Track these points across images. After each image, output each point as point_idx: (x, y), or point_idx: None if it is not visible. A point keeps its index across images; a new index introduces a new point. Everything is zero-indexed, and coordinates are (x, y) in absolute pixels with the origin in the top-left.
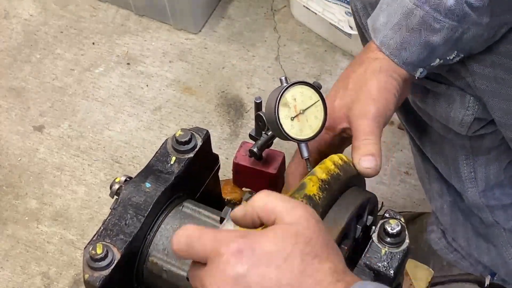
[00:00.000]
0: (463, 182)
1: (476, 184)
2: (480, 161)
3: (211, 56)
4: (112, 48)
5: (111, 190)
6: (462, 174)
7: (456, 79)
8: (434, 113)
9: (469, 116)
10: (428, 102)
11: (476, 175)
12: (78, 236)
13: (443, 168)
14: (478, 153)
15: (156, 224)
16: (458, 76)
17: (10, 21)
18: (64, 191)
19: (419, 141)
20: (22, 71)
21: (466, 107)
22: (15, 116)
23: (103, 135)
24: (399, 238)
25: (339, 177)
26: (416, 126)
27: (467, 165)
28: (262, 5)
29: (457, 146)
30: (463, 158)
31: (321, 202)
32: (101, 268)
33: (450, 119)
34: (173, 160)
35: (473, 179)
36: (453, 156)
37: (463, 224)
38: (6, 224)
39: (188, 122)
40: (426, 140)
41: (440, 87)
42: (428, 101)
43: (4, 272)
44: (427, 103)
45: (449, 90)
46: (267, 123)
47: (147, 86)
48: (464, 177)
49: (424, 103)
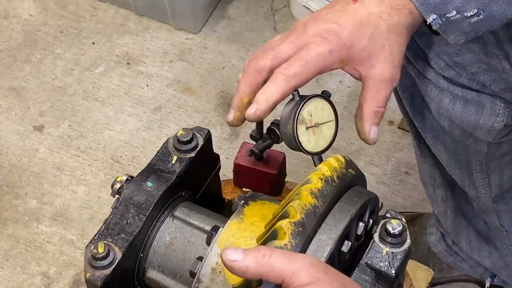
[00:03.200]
0: (477, 189)
1: (490, 190)
2: (493, 166)
3: (211, 56)
4: (112, 48)
5: (112, 189)
6: (476, 180)
7: (494, 82)
8: (462, 119)
9: (499, 123)
10: (456, 109)
11: (490, 180)
12: (78, 236)
13: (458, 175)
14: (492, 158)
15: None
16: (497, 78)
17: (10, 21)
18: (64, 191)
19: (434, 147)
20: (22, 71)
21: (496, 114)
22: (15, 116)
23: (103, 135)
24: (401, 238)
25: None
26: (432, 132)
27: (481, 171)
28: (262, 5)
29: (472, 152)
30: (476, 164)
31: (324, 199)
32: (103, 267)
33: (478, 126)
34: (174, 159)
35: (487, 185)
36: (467, 162)
37: (465, 228)
38: (6, 224)
39: (188, 122)
40: (441, 147)
41: (471, 93)
42: (456, 108)
43: (4, 272)
44: (455, 110)
45: (479, 96)
46: (282, 138)
47: (147, 86)
48: (478, 183)
49: (452, 110)
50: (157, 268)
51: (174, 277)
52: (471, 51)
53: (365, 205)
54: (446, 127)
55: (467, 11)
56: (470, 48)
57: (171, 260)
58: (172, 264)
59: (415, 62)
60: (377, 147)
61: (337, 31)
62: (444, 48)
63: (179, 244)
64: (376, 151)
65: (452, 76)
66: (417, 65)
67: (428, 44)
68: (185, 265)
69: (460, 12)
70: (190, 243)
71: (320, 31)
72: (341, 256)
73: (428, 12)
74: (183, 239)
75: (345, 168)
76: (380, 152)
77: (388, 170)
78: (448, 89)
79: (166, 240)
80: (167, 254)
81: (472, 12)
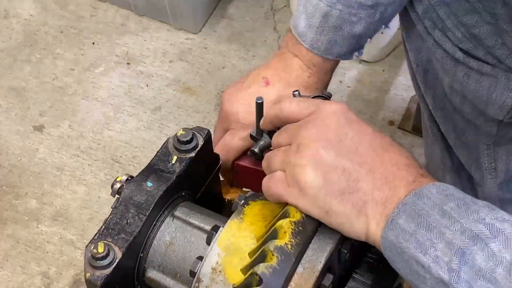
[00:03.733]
0: (483, 173)
1: (496, 175)
2: (501, 151)
3: (211, 56)
4: (112, 48)
5: (112, 189)
6: (483, 164)
7: (509, 57)
8: (474, 94)
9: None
10: (470, 83)
11: (496, 165)
12: (78, 236)
13: (465, 157)
14: (501, 142)
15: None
16: (511, 54)
17: (10, 21)
18: (64, 191)
19: (444, 126)
20: (22, 71)
21: (510, 89)
22: (15, 116)
23: (103, 135)
24: None
25: None
26: (443, 110)
27: (488, 155)
28: (262, 5)
29: (481, 134)
30: (484, 148)
31: (301, 238)
32: (103, 267)
33: (490, 101)
34: (174, 159)
35: (493, 169)
36: (475, 145)
37: None
38: (6, 224)
39: (188, 122)
40: (450, 127)
41: (486, 67)
42: (470, 81)
43: (4, 272)
44: (469, 84)
45: (494, 70)
46: None
47: (147, 86)
48: (485, 167)
49: (466, 84)
50: (157, 268)
51: (174, 277)
52: (487, 23)
53: None
54: (458, 104)
55: (378, 31)
56: (486, 20)
57: (171, 260)
58: (172, 264)
59: (433, 32)
60: None
61: None
62: (462, 19)
63: (179, 244)
64: None
65: (469, 48)
66: (435, 35)
67: (447, 14)
68: (185, 264)
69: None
70: (190, 243)
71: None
72: (341, 256)
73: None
74: (183, 239)
75: None
76: None
77: None
78: (464, 61)
79: (166, 240)
80: (167, 254)
81: None
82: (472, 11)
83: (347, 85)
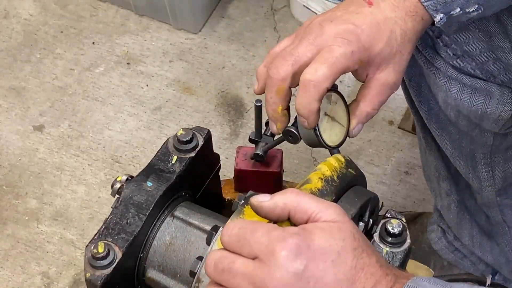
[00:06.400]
0: (481, 181)
1: (494, 183)
2: (497, 159)
3: (211, 56)
4: (112, 48)
5: (113, 189)
6: (480, 172)
7: (502, 72)
8: (469, 109)
9: (507, 112)
10: (464, 98)
11: (494, 173)
12: (78, 236)
13: (462, 166)
14: (497, 151)
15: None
16: (505, 68)
17: (10, 21)
18: (64, 191)
19: (439, 138)
20: (22, 71)
21: (504, 103)
22: (15, 116)
23: (103, 135)
24: (401, 238)
25: (343, 175)
26: (438, 123)
27: (485, 164)
28: (262, 5)
29: (477, 144)
30: (481, 156)
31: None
32: (103, 267)
33: (485, 115)
34: (174, 159)
35: (491, 177)
36: (472, 155)
37: (468, 222)
38: (6, 224)
39: (188, 122)
40: (446, 139)
41: (479, 82)
42: (464, 97)
43: (4, 272)
44: (463, 100)
45: (488, 85)
46: (302, 136)
47: (147, 86)
48: (482, 175)
49: (460, 99)
50: (157, 268)
51: (174, 277)
52: (480, 40)
53: (365, 205)
54: (452, 117)
55: (469, 7)
56: (479, 37)
57: (171, 260)
58: (172, 264)
59: (423, 50)
60: (377, 147)
61: (356, 32)
62: (453, 37)
63: (179, 244)
64: (376, 151)
65: (461, 65)
66: (426, 54)
67: (438, 32)
68: (185, 264)
69: (463, 9)
70: (190, 243)
71: (340, 32)
72: None
73: (435, 12)
74: (183, 239)
75: (345, 168)
76: (380, 152)
77: (388, 170)
78: (456, 78)
79: (166, 240)
80: (167, 254)
81: (473, 8)
82: (463, 29)
83: (347, 85)
